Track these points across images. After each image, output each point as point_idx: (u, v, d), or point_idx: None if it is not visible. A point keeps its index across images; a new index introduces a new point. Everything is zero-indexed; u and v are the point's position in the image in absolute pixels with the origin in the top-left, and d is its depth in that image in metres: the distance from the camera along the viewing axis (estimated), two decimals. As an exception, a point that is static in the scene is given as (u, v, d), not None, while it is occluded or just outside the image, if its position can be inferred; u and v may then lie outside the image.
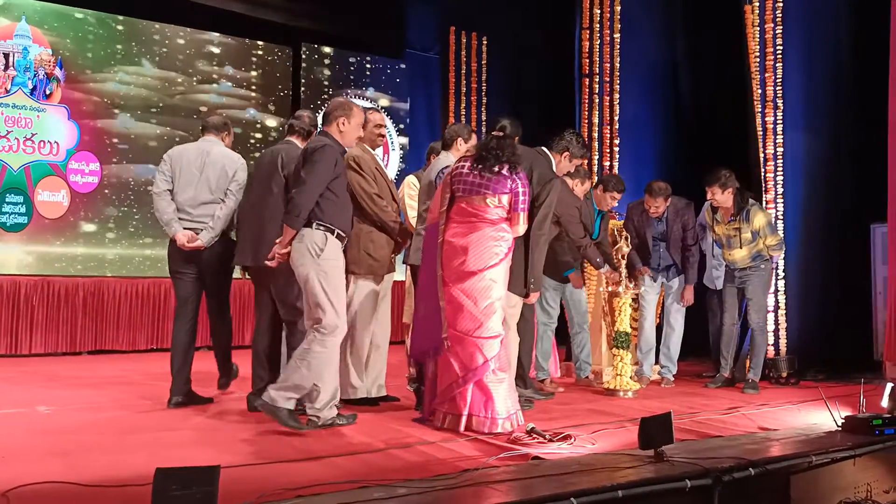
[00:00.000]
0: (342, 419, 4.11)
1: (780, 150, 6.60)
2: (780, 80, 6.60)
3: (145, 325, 8.50)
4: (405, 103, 10.46)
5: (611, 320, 6.10)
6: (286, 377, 3.97)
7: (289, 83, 9.85)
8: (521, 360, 5.08)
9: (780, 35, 6.63)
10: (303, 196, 3.95)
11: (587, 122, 8.02)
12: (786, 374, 6.22)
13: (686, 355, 6.44)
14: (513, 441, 3.72)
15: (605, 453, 3.49)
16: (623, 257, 5.71)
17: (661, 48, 8.06)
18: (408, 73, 10.40)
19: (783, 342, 6.57)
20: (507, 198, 4.13)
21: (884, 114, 6.11)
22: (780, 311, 6.59)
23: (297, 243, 4.01)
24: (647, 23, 8.00)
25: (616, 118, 7.91)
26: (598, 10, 7.89)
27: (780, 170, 6.61)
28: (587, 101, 8.04)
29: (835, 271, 6.72)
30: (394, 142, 10.27)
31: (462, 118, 9.49)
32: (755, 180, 6.71)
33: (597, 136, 7.97)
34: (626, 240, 5.75)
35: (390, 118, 10.22)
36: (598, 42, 7.93)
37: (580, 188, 5.85)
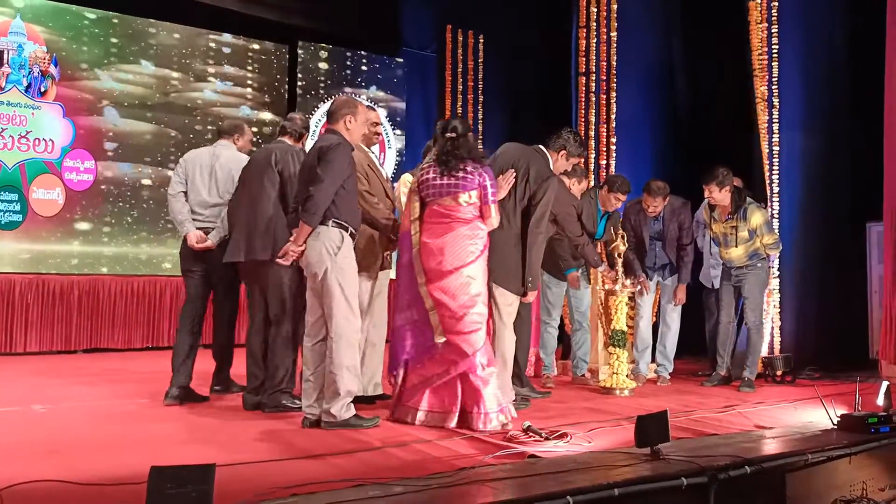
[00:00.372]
0: (366, 422, 4.04)
1: (775, 149, 6.60)
2: (776, 79, 6.61)
3: (141, 323, 8.49)
4: (402, 102, 10.45)
5: (607, 319, 6.10)
6: (331, 390, 3.96)
7: (285, 81, 9.83)
8: (518, 358, 5.07)
9: (775, 35, 6.64)
10: (321, 194, 3.94)
11: (584, 120, 8.01)
12: (782, 372, 6.23)
13: (682, 353, 6.45)
14: (509, 439, 3.71)
15: (602, 451, 3.49)
16: (619, 256, 5.71)
17: (657, 47, 8.06)
18: (404, 71, 10.39)
19: (779, 340, 6.58)
20: (476, 193, 4.17)
21: (879, 113, 6.12)
22: (776, 310, 6.59)
23: (313, 241, 4.00)
24: (644, 21, 8.00)
25: (613, 117, 7.91)
26: (595, 9, 7.88)
27: (776, 168, 6.61)
28: (584, 100, 8.03)
29: (831, 270, 6.73)
30: (390, 140, 10.26)
31: (459, 115, 9.49)
32: (757, 178, 6.71)
33: (593, 134, 7.96)
34: (623, 238, 5.75)
35: (387, 116, 10.20)
36: (595, 40, 7.93)
37: (577, 187, 5.85)
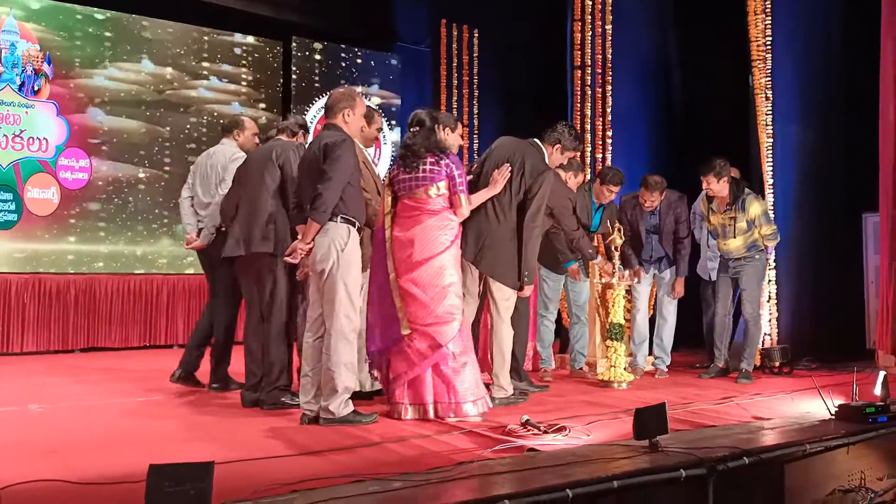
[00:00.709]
0: (365, 418, 4.05)
1: (769, 141, 6.60)
2: (770, 71, 6.60)
3: (138, 321, 8.47)
4: (397, 97, 10.43)
5: (604, 312, 6.11)
6: (329, 387, 3.95)
7: (279, 77, 9.81)
8: (516, 352, 5.08)
9: (769, 27, 6.63)
10: (329, 192, 3.93)
11: (579, 114, 8.00)
12: (779, 363, 6.23)
13: (679, 346, 6.45)
14: (508, 433, 3.72)
15: (601, 444, 3.49)
16: (616, 249, 5.71)
17: (653, 39, 8.05)
18: (399, 66, 10.37)
19: (776, 332, 6.59)
20: (444, 184, 4.21)
21: (874, 105, 6.12)
22: (773, 301, 6.60)
23: (321, 237, 3.99)
24: (639, 14, 7.98)
25: (608, 110, 7.90)
26: (590, 2, 7.86)
27: (770, 160, 6.61)
28: (579, 93, 8.02)
29: (827, 261, 6.74)
30: (385, 137, 10.24)
31: (454, 111, 9.46)
32: (753, 171, 6.71)
33: (589, 128, 7.95)
34: (620, 231, 5.75)
35: (382, 112, 10.18)
36: (590, 33, 7.91)
37: (573, 180, 5.85)
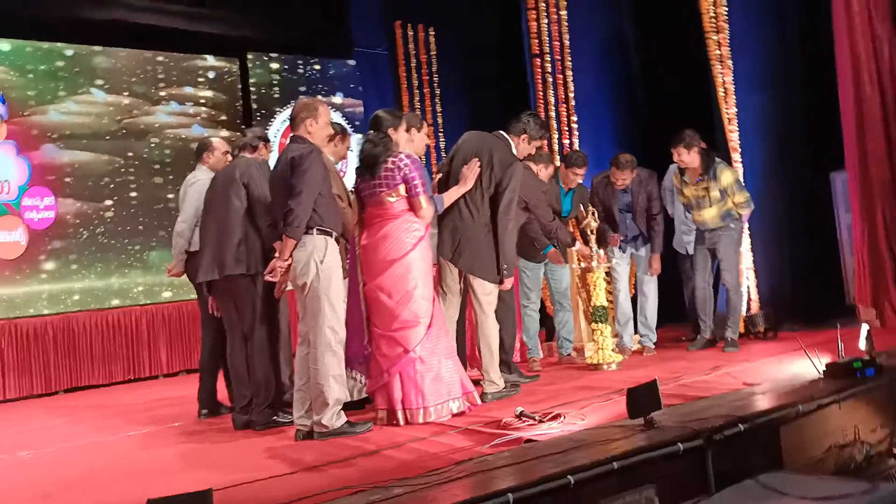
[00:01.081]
0: (359, 427, 4.04)
1: (734, 110, 6.65)
2: (728, 40, 6.63)
3: (120, 356, 8.34)
4: (359, 103, 10.38)
5: (586, 296, 6.12)
6: (319, 401, 3.93)
7: (238, 95, 9.72)
8: (504, 344, 5.08)
9: (723, -3, 6.67)
10: (301, 206, 3.90)
11: (543, 101, 8.01)
12: (763, 328, 6.29)
13: (664, 322, 6.47)
14: (504, 426, 3.72)
15: (596, 427, 3.50)
16: (592, 232, 5.73)
17: (609, 21, 8.07)
18: (358, 71, 10.31)
19: (757, 297, 6.64)
20: (403, 187, 4.21)
21: (833, 66, 6.18)
22: (751, 268, 6.65)
23: (299, 252, 3.96)
24: (593, -3, 8.00)
25: (571, 95, 7.92)
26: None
27: (736, 129, 6.66)
28: (541, 82, 8.04)
29: (800, 223, 6.80)
30: (350, 143, 10.17)
31: (417, 111, 9.44)
32: (719, 142, 6.75)
33: (554, 115, 7.97)
34: (594, 215, 5.77)
35: (345, 119, 10.14)
36: (546, 21, 7.92)
37: (545, 172, 5.85)
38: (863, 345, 4.20)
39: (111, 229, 8.71)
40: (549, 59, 7.95)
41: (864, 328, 4.26)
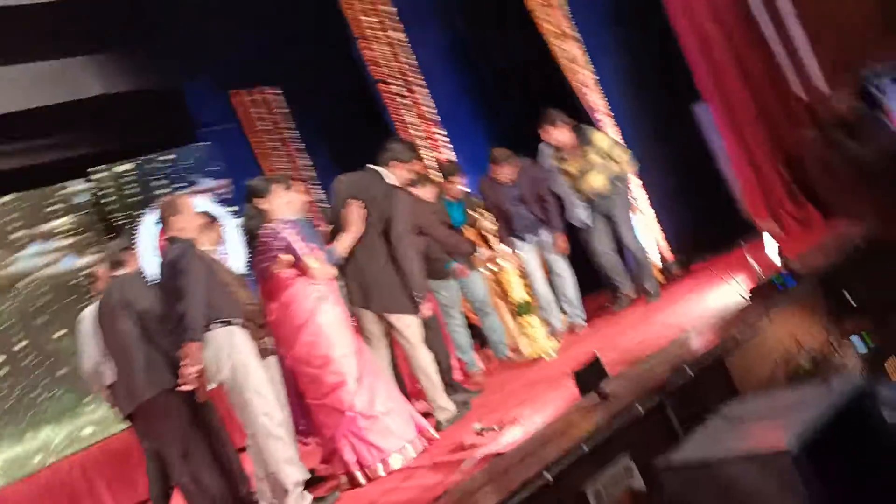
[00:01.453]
0: (327, 501, 3.90)
1: (593, 77, 6.81)
2: (570, 14, 6.80)
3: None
4: (226, 182, 10.10)
5: (505, 295, 6.13)
6: (279, 490, 3.78)
7: (99, 214, 9.29)
8: (441, 367, 5.00)
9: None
10: (191, 307, 3.73)
11: (404, 124, 8.02)
12: (678, 271, 6.44)
13: (585, 295, 6.52)
14: (468, 448, 3.64)
15: (556, 418, 3.47)
16: (492, 234, 5.74)
17: (443, 27, 8.16)
18: (214, 152, 10.06)
19: (667, 245, 6.80)
20: (286, 254, 4.12)
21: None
22: (652, 216, 6.81)
23: (206, 352, 3.79)
24: (422, 8, 8.06)
25: (429, 109, 7.96)
26: (366, 17, 7.85)
27: (600, 92, 6.83)
28: (394, 106, 8.04)
29: (680, 162, 7.00)
30: (230, 226, 9.86)
31: (285, 172, 9.26)
32: (582, 111, 6.90)
33: (419, 133, 7.99)
34: (486, 216, 5.77)
35: (219, 202, 9.84)
36: (383, 46, 7.92)
37: (429, 192, 5.83)
38: (774, 258, 4.34)
39: (9, 389, 8.17)
40: (394, 81, 7.96)
41: (769, 239, 4.41)
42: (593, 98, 6.83)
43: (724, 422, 3.01)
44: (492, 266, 5.78)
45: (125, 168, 9.63)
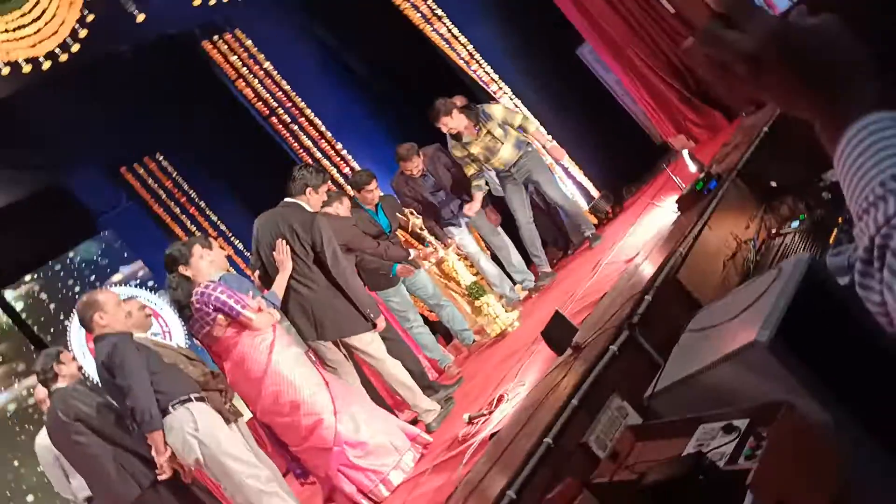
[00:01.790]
0: None
1: (469, 47, 6.83)
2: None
3: None
4: (139, 264, 9.75)
5: (454, 283, 6.12)
6: None
7: (20, 335, 8.88)
8: (414, 373, 4.95)
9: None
10: (139, 399, 3.66)
11: (302, 150, 7.92)
12: (610, 207, 6.53)
13: (528, 259, 6.57)
14: (464, 439, 3.63)
15: (538, 385, 3.47)
16: (421, 229, 5.71)
17: (314, 46, 8.09)
18: (119, 237, 9.71)
19: (593, 186, 6.89)
20: (220, 316, 3.99)
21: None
22: (575, 167, 6.88)
23: (170, 437, 3.73)
24: (284, 33, 7.97)
25: (323, 128, 7.88)
26: (234, 56, 7.72)
27: (485, 63, 6.85)
28: (288, 135, 7.93)
29: (582, 106, 7.11)
30: (159, 304, 9.55)
31: (196, 233, 9.00)
32: (478, 89, 6.91)
33: (320, 155, 7.90)
34: (412, 213, 5.75)
35: (138, 285, 9.52)
36: (256, 82, 7.80)
37: (343, 208, 5.76)
38: (692, 167, 4.43)
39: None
40: (280, 111, 7.85)
41: (685, 152, 4.50)
42: (480, 72, 6.86)
43: (695, 335, 3.04)
44: (433, 258, 5.76)
45: (35, 280, 9.24)
